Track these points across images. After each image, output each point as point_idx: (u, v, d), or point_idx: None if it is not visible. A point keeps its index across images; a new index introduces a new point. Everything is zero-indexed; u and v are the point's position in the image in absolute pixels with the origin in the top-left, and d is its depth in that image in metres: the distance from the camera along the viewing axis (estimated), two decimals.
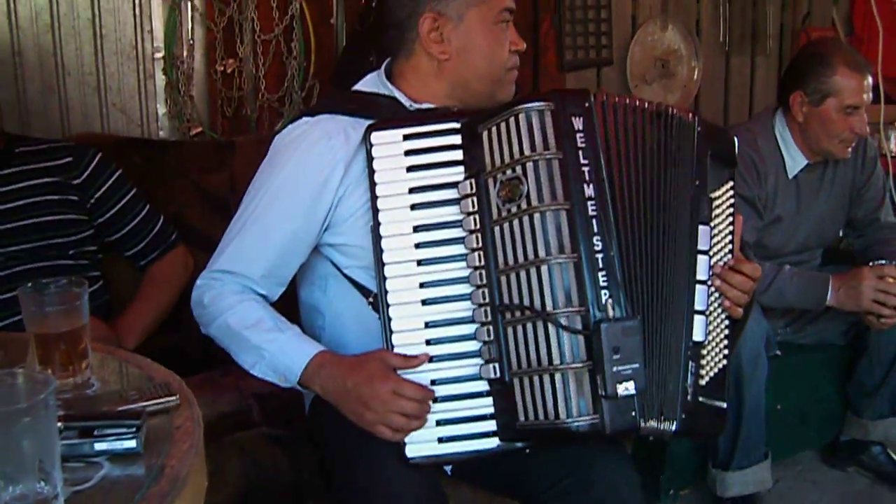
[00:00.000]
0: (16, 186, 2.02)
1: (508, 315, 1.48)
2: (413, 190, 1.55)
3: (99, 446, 1.10)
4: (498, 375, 1.49)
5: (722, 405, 1.60)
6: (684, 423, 1.53)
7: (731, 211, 1.68)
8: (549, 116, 1.49)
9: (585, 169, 1.48)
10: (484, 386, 1.52)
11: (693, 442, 2.55)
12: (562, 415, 1.43)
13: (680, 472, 2.61)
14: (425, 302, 1.53)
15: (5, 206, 2.00)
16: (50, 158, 2.08)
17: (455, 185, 1.54)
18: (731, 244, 1.67)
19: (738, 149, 1.76)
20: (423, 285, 1.53)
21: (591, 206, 1.47)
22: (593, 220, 1.46)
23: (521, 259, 1.47)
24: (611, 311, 1.44)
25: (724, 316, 1.65)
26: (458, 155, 1.56)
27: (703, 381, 1.58)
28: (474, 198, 1.52)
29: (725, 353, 1.64)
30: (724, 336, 1.65)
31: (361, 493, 1.51)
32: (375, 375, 1.48)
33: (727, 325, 1.66)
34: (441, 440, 1.51)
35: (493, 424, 1.51)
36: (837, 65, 2.51)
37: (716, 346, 1.62)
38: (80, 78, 2.56)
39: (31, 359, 1.34)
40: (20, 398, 0.99)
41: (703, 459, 2.59)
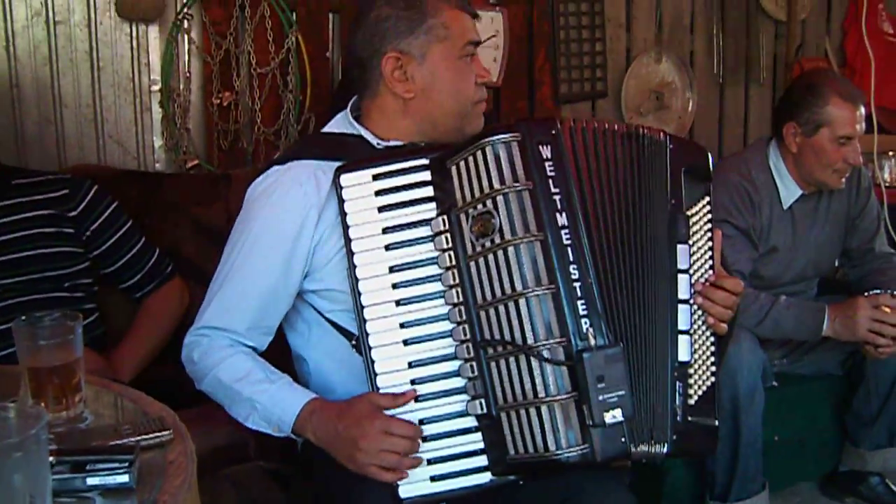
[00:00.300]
0: (11, 218, 2.02)
1: (491, 350, 1.47)
2: (386, 230, 1.53)
3: (91, 481, 1.09)
4: (485, 411, 1.48)
5: (713, 423, 1.59)
6: (676, 444, 1.53)
7: (709, 227, 1.66)
8: (515, 147, 1.48)
9: (556, 197, 1.48)
10: (473, 421, 1.51)
11: (688, 465, 2.53)
12: (551, 447, 1.42)
13: None
14: (407, 342, 1.52)
15: (0, 239, 1.99)
16: (46, 191, 2.08)
17: (428, 223, 1.53)
18: (712, 260, 1.65)
19: (733, 180, 1.76)
20: (403, 325, 1.52)
21: (565, 234, 1.47)
22: (568, 249, 1.46)
23: (498, 294, 1.46)
24: (592, 339, 1.43)
25: (708, 333, 1.64)
26: (430, 191, 1.54)
27: (692, 401, 1.57)
28: (448, 234, 1.51)
29: (713, 370, 1.62)
30: (710, 354, 1.63)
31: None
32: (364, 416, 1.48)
33: (713, 342, 1.64)
34: (433, 478, 1.50)
35: (484, 459, 1.50)
36: (830, 95, 2.52)
37: (702, 364, 1.61)
38: (77, 110, 2.57)
39: (24, 392, 1.34)
40: (11, 433, 0.98)
41: (700, 491, 2.57)
